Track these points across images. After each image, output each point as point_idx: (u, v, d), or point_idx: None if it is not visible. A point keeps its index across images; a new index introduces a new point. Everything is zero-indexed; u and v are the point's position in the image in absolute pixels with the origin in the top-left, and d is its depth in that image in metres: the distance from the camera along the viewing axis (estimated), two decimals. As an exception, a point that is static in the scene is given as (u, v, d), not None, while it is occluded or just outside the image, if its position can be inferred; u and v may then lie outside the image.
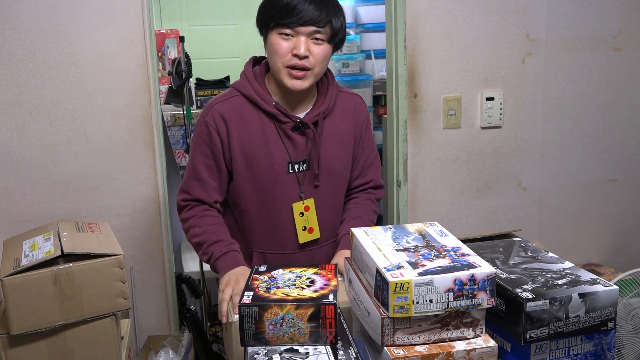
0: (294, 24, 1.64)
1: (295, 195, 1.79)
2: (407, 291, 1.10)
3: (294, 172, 1.78)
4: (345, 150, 1.85)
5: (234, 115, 1.75)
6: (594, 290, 1.18)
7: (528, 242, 1.46)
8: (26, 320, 1.66)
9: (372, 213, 1.93)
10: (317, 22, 1.64)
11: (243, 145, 1.75)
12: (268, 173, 1.76)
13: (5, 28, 2.22)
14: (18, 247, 1.84)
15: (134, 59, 2.33)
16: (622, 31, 2.71)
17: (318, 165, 1.79)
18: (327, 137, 1.80)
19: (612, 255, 2.92)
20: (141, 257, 2.47)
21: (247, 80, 1.78)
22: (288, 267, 1.38)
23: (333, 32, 1.69)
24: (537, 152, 2.75)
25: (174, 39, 4.12)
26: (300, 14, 1.63)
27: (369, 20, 4.54)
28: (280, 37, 1.66)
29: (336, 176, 1.84)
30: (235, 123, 1.75)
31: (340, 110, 1.84)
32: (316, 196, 1.81)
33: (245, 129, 1.75)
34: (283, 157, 1.76)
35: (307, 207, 1.80)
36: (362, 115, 1.89)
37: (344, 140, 1.84)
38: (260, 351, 1.16)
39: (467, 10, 2.55)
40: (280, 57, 1.67)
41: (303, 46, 1.65)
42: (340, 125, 1.83)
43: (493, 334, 1.22)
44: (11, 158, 2.30)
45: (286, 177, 1.78)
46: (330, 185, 1.83)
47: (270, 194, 1.78)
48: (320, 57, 1.69)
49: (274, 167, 1.76)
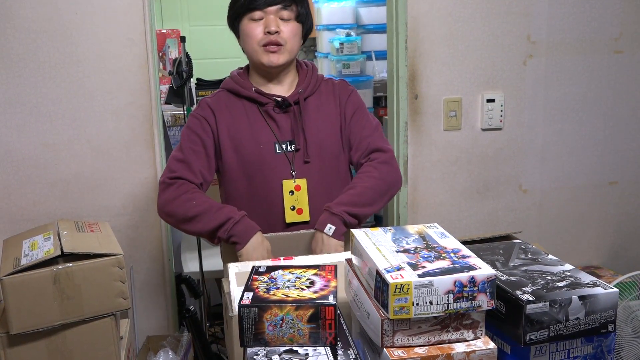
0: (262, 5, 1.77)
1: (287, 174, 1.84)
2: (407, 293, 1.10)
3: (283, 151, 1.84)
4: (331, 125, 1.89)
5: (220, 107, 1.88)
6: (594, 293, 1.17)
7: (528, 244, 1.46)
8: (26, 319, 1.66)
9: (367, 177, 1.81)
10: (283, 1, 1.78)
11: (229, 130, 1.85)
12: (255, 154, 1.83)
13: (7, 27, 2.22)
14: (18, 246, 1.83)
15: (135, 59, 2.33)
16: (622, 34, 2.71)
17: (305, 141, 1.84)
18: (311, 115, 1.87)
19: (612, 257, 2.92)
20: (141, 257, 2.47)
21: (229, 78, 1.94)
22: (288, 268, 1.38)
23: (298, 12, 1.82)
24: (537, 154, 2.75)
25: (174, 39, 4.12)
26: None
27: (370, 21, 4.54)
28: (251, 22, 1.80)
29: (325, 152, 1.87)
30: (222, 113, 1.86)
31: (324, 92, 1.93)
32: (309, 177, 1.84)
33: (230, 116, 1.86)
34: (269, 137, 1.84)
35: (298, 187, 1.83)
36: (345, 92, 1.94)
37: (329, 116, 1.90)
38: (259, 352, 1.16)
39: (468, 12, 2.55)
40: (253, 38, 1.81)
41: (273, 23, 1.79)
42: (324, 103, 1.91)
43: (493, 336, 1.22)
44: (11, 157, 2.30)
45: (274, 157, 1.84)
46: (321, 162, 1.86)
47: (259, 174, 1.84)
48: (290, 34, 1.82)
49: (260, 147, 1.83)
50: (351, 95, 1.95)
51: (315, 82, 1.92)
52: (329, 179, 1.88)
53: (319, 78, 1.94)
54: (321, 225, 1.74)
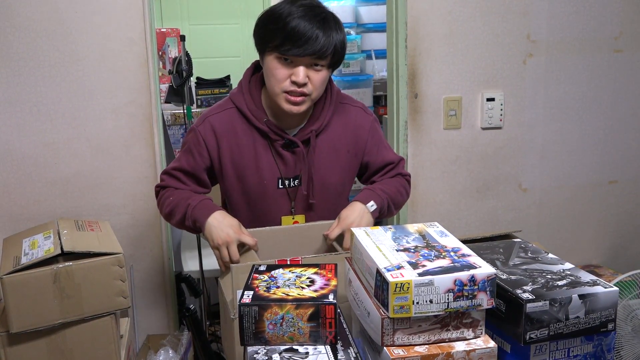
0: (295, 55, 1.60)
1: (286, 210, 1.80)
2: (407, 291, 1.11)
3: (285, 187, 1.79)
4: (340, 164, 1.82)
5: (226, 129, 1.75)
6: (594, 292, 1.18)
7: (528, 243, 1.46)
8: (26, 318, 1.66)
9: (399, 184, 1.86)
10: (320, 52, 1.60)
11: (233, 158, 1.76)
12: (257, 187, 1.77)
13: (7, 26, 2.22)
14: (18, 245, 1.84)
15: (135, 58, 2.33)
16: (622, 33, 2.71)
17: (312, 182, 1.77)
18: (320, 154, 1.78)
19: (611, 256, 2.93)
20: (141, 256, 2.48)
21: (241, 93, 1.77)
22: (288, 267, 1.38)
23: (334, 60, 1.66)
24: (537, 153, 2.75)
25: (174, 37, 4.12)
26: (304, 46, 1.58)
27: (370, 20, 4.55)
28: (278, 61, 1.63)
29: (330, 192, 1.82)
30: (227, 137, 1.75)
31: (338, 125, 1.81)
32: (308, 214, 1.81)
33: (236, 142, 1.76)
34: (273, 172, 1.77)
35: (296, 222, 1.80)
36: (365, 128, 1.84)
37: (339, 153, 1.81)
38: (259, 351, 1.16)
39: (468, 11, 2.55)
40: (277, 82, 1.65)
41: (302, 74, 1.62)
42: (335, 140, 1.80)
43: (493, 335, 1.22)
44: (11, 156, 2.30)
45: (276, 192, 1.79)
46: (324, 202, 1.82)
47: (260, 207, 1.80)
48: (318, 84, 1.66)
49: (264, 182, 1.77)
50: (372, 128, 1.86)
51: (332, 113, 1.79)
52: (329, 213, 1.84)
53: (334, 107, 1.80)
54: (364, 200, 1.72)
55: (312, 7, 1.62)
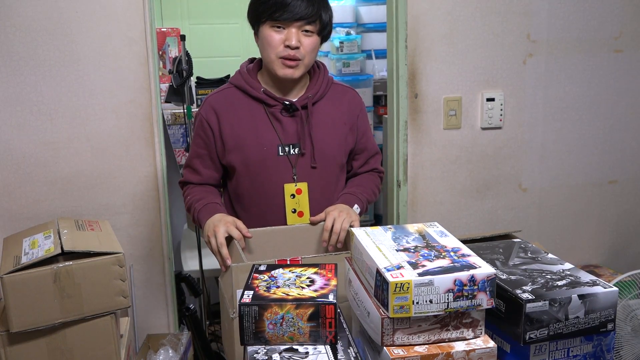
0: (286, 20, 1.73)
1: (288, 177, 1.85)
2: (407, 291, 1.11)
3: (285, 154, 1.84)
4: (337, 134, 1.90)
5: (224, 105, 1.87)
6: (594, 292, 1.18)
7: (528, 243, 1.46)
8: (26, 318, 1.66)
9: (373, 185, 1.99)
10: (308, 17, 1.74)
11: (233, 130, 1.85)
12: (257, 154, 1.84)
13: (7, 25, 2.22)
14: (18, 244, 1.84)
15: (135, 58, 2.33)
16: (622, 33, 2.71)
17: (313, 147, 1.85)
18: (317, 121, 1.87)
19: (611, 256, 2.93)
20: (141, 256, 2.48)
21: (239, 73, 1.90)
22: (288, 267, 1.38)
23: (322, 25, 1.79)
24: (537, 153, 2.75)
25: (174, 37, 4.12)
26: (293, 10, 1.73)
27: (370, 20, 4.54)
28: (272, 29, 1.76)
29: (328, 159, 1.88)
30: (226, 111, 1.86)
31: (333, 98, 1.92)
32: (310, 180, 1.86)
33: (235, 115, 1.85)
34: (272, 139, 1.84)
35: (299, 190, 1.85)
36: (357, 106, 1.96)
37: (335, 124, 1.90)
38: (259, 350, 1.16)
39: (469, 11, 2.55)
40: (273, 48, 1.77)
41: (294, 38, 1.75)
42: (332, 111, 1.90)
43: (492, 335, 1.23)
44: (12, 155, 2.30)
45: (277, 159, 1.84)
46: (322, 169, 1.87)
47: (262, 175, 1.85)
48: (310, 48, 1.78)
49: (263, 148, 1.83)
50: (363, 110, 1.97)
51: (326, 86, 1.90)
52: (330, 184, 1.90)
53: (329, 81, 1.92)
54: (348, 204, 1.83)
55: None
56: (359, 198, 1.87)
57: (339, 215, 1.73)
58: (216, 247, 1.65)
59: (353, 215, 1.76)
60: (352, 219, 1.74)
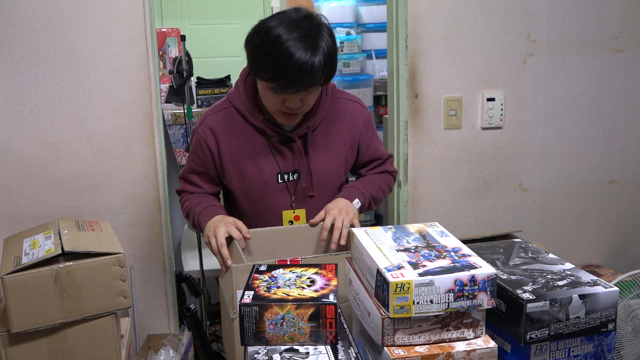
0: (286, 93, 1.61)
1: (287, 203, 1.83)
2: (407, 291, 1.11)
3: (285, 182, 1.81)
4: (337, 157, 1.85)
5: (224, 129, 1.80)
6: (595, 292, 1.18)
7: (528, 243, 1.46)
8: (26, 318, 1.66)
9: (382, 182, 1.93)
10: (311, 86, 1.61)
11: (233, 156, 1.80)
12: (258, 183, 1.81)
13: (7, 26, 2.22)
14: (18, 245, 1.84)
15: (135, 58, 2.33)
16: (623, 33, 2.71)
17: (311, 176, 1.81)
18: (317, 148, 1.81)
19: (612, 256, 2.93)
20: (141, 256, 2.48)
21: (238, 93, 1.80)
22: (289, 267, 1.38)
23: (326, 80, 1.66)
24: (537, 153, 2.75)
25: (175, 37, 4.12)
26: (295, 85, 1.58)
27: (370, 20, 4.54)
28: (271, 90, 1.62)
29: (328, 185, 1.85)
30: (225, 136, 1.79)
31: (335, 118, 1.84)
32: (309, 208, 1.83)
33: (235, 140, 1.79)
34: (272, 167, 1.80)
35: (297, 217, 1.83)
36: (360, 120, 1.87)
37: (336, 147, 1.84)
38: (260, 351, 1.16)
39: (469, 11, 2.55)
40: (271, 105, 1.69)
41: (295, 103, 1.64)
42: (332, 133, 1.83)
43: (493, 335, 1.23)
44: (12, 156, 2.30)
45: (276, 187, 1.82)
46: (322, 194, 1.84)
47: (261, 202, 1.83)
48: (312, 102, 1.69)
49: (263, 178, 1.80)
50: (367, 121, 1.89)
51: (328, 109, 1.81)
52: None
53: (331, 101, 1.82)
54: (349, 197, 1.79)
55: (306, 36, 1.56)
56: (361, 192, 1.82)
57: (338, 214, 1.69)
58: (216, 248, 1.65)
59: (351, 213, 1.72)
60: (351, 217, 1.70)
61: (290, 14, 1.63)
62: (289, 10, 1.65)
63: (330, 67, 1.63)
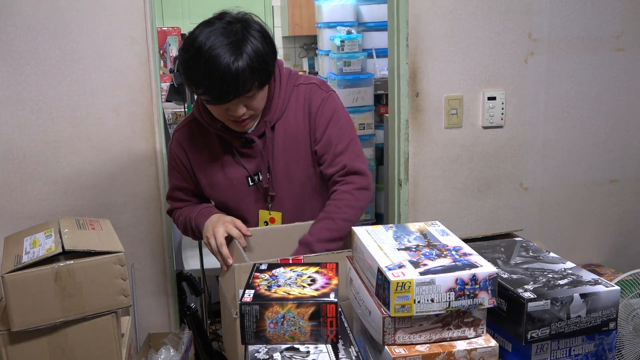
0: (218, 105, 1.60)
1: (263, 205, 1.82)
2: (408, 290, 1.10)
3: (255, 183, 1.80)
4: (301, 150, 1.78)
5: (190, 142, 1.82)
6: (596, 291, 1.17)
7: (529, 242, 1.46)
8: (27, 317, 1.66)
9: (347, 208, 1.71)
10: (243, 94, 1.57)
11: (202, 167, 1.82)
12: (230, 190, 1.81)
13: (7, 25, 2.21)
14: (19, 243, 1.83)
15: (136, 57, 2.33)
16: (624, 31, 2.70)
17: (272, 175, 1.77)
18: (279, 143, 1.76)
19: (613, 255, 2.92)
20: (142, 255, 2.48)
21: (197, 105, 1.78)
22: (289, 266, 1.38)
23: (261, 83, 1.61)
24: (538, 152, 2.75)
25: (175, 36, 4.12)
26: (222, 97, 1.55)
27: (371, 19, 4.54)
28: (209, 103, 1.62)
29: (294, 180, 1.80)
30: (192, 149, 1.82)
31: (294, 107, 1.77)
32: (283, 209, 1.81)
33: (200, 153, 1.81)
34: (240, 172, 1.80)
35: (272, 219, 1.81)
36: (314, 105, 1.75)
37: (298, 140, 1.77)
38: (261, 349, 1.16)
39: (470, 9, 2.55)
40: (218, 115, 1.67)
41: (239, 111, 1.62)
42: (293, 125, 1.76)
43: (494, 334, 1.22)
44: (12, 154, 2.30)
45: (248, 190, 1.81)
46: (291, 191, 1.80)
47: (238, 205, 1.83)
48: (257, 104, 1.66)
49: (233, 184, 1.80)
50: (322, 104, 1.76)
51: (284, 101, 1.75)
52: (302, 203, 1.82)
53: (287, 91, 1.75)
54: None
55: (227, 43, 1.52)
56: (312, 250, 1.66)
57: None
58: (216, 247, 1.64)
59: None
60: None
61: (213, 21, 1.59)
62: (212, 18, 1.61)
63: (260, 70, 1.58)
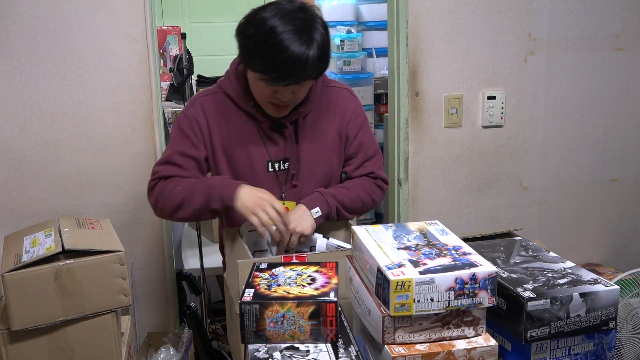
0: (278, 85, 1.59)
1: (277, 195, 1.76)
2: (408, 290, 1.11)
3: (275, 170, 1.78)
4: (327, 147, 1.81)
5: (215, 112, 1.76)
6: (595, 290, 1.18)
7: (529, 241, 1.46)
8: (27, 316, 1.67)
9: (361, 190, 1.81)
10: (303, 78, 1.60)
11: (223, 141, 1.76)
12: (248, 171, 1.77)
13: (7, 24, 2.21)
14: (19, 242, 1.84)
15: (136, 56, 2.33)
16: (624, 31, 2.70)
17: (298, 164, 1.77)
18: (307, 135, 1.78)
19: (612, 255, 2.93)
20: (142, 254, 2.48)
21: (228, 80, 1.78)
22: (289, 265, 1.38)
23: (319, 74, 1.66)
24: (538, 151, 2.75)
25: (175, 35, 4.12)
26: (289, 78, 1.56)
27: (371, 18, 4.54)
28: (262, 81, 1.61)
29: (318, 174, 1.81)
30: (216, 119, 1.76)
31: (325, 107, 1.81)
32: (298, 199, 1.78)
33: (225, 126, 1.76)
34: (262, 155, 1.77)
35: (286, 209, 1.76)
36: (350, 108, 1.83)
37: (326, 137, 1.80)
38: (260, 349, 1.16)
39: (470, 9, 2.55)
40: (261, 94, 1.67)
41: (287, 95, 1.63)
42: (323, 122, 1.80)
43: (494, 333, 1.23)
44: (12, 154, 2.30)
45: (266, 175, 1.78)
46: (312, 184, 1.80)
47: None
48: (303, 94, 1.69)
49: (253, 165, 1.76)
50: (356, 110, 1.85)
51: (320, 97, 1.79)
52: None
53: (322, 89, 1.80)
54: (310, 204, 1.71)
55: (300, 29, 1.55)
56: (326, 200, 1.73)
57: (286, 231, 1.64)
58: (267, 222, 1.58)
59: (304, 225, 1.66)
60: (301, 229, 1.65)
61: (284, 4, 1.60)
62: (283, 1, 1.62)
63: (324, 61, 1.61)
